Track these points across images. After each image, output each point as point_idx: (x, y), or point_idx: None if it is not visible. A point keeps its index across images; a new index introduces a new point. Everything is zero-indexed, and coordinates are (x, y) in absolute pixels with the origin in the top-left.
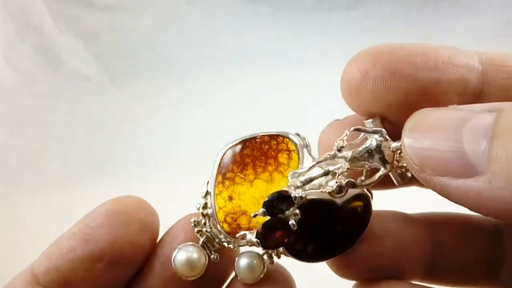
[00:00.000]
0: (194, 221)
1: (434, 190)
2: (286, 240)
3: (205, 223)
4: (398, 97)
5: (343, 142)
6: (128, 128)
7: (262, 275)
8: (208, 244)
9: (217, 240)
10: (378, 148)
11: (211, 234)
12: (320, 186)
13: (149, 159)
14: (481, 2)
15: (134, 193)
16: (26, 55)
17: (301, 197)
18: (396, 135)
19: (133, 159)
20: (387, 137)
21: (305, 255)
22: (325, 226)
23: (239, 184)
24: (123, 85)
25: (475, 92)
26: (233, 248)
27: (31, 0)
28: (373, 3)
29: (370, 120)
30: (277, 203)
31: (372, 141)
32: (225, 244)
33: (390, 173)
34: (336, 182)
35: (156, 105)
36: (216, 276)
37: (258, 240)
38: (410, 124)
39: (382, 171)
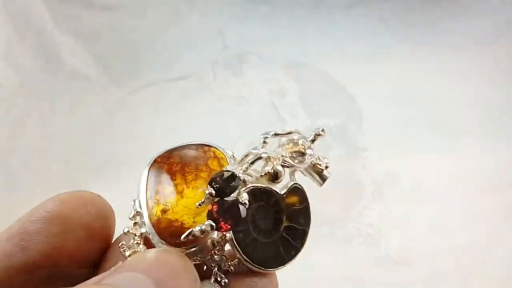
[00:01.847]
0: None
1: None
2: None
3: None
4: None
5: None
6: (128, 128)
7: None
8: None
9: None
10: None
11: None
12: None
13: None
14: (481, 2)
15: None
16: (26, 55)
17: (244, 180)
18: None
19: (133, 159)
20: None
21: (255, 255)
22: (272, 221)
23: (169, 196)
24: (123, 85)
25: None
26: None
27: (31, 0)
28: (373, 3)
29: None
30: (223, 182)
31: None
32: None
33: (310, 175)
34: (273, 166)
35: (156, 105)
36: None
37: (212, 222)
38: None
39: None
